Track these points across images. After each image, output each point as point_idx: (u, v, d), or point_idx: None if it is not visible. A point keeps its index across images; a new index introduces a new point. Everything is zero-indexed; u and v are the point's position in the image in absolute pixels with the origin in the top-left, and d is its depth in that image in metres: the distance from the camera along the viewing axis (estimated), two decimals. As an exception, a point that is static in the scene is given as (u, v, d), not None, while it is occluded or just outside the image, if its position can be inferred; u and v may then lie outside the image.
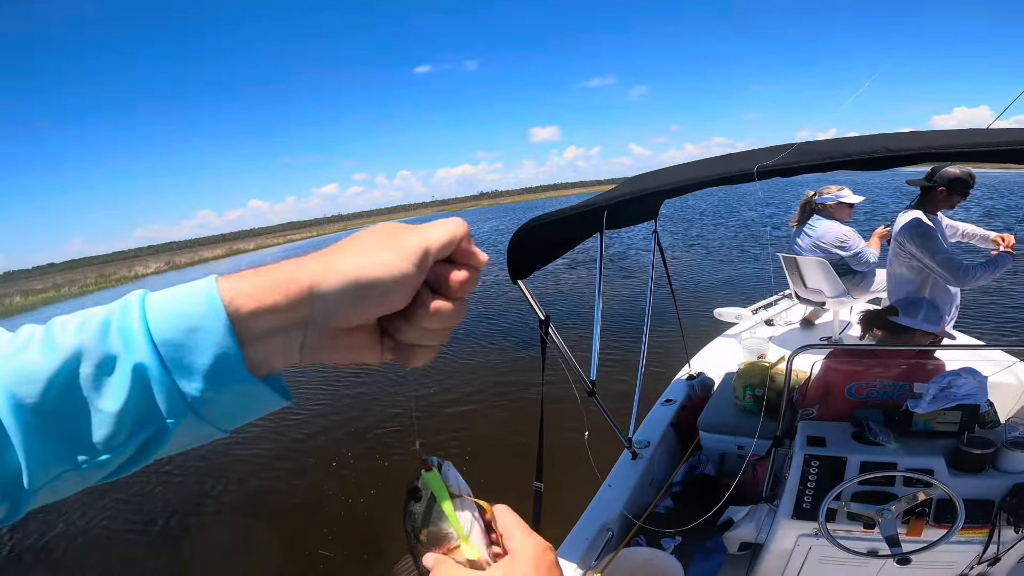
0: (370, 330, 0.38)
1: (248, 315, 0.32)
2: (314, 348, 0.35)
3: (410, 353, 0.40)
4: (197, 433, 0.33)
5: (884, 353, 1.94)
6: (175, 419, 0.31)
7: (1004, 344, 2.60)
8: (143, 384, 0.30)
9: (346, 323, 0.35)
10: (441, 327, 0.38)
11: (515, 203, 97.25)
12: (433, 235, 0.36)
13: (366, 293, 0.34)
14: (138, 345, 0.30)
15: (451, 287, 0.37)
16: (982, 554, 1.60)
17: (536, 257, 1.96)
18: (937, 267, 2.63)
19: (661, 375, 3.53)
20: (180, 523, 4.19)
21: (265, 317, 0.32)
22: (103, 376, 0.30)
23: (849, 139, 1.48)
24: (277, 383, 0.36)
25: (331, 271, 0.34)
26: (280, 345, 0.34)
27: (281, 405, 0.37)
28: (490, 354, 6.95)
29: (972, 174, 2.70)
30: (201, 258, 54.17)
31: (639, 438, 2.61)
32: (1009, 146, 1.13)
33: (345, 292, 0.34)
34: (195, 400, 0.31)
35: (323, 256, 0.35)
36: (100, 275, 45.92)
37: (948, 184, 2.68)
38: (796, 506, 1.67)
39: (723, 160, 1.90)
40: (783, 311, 4.38)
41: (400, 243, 0.35)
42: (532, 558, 0.46)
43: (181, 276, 33.49)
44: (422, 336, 0.39)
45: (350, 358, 0.38)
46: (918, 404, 1.60)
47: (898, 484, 1.56)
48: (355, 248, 0.35)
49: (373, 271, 0.34)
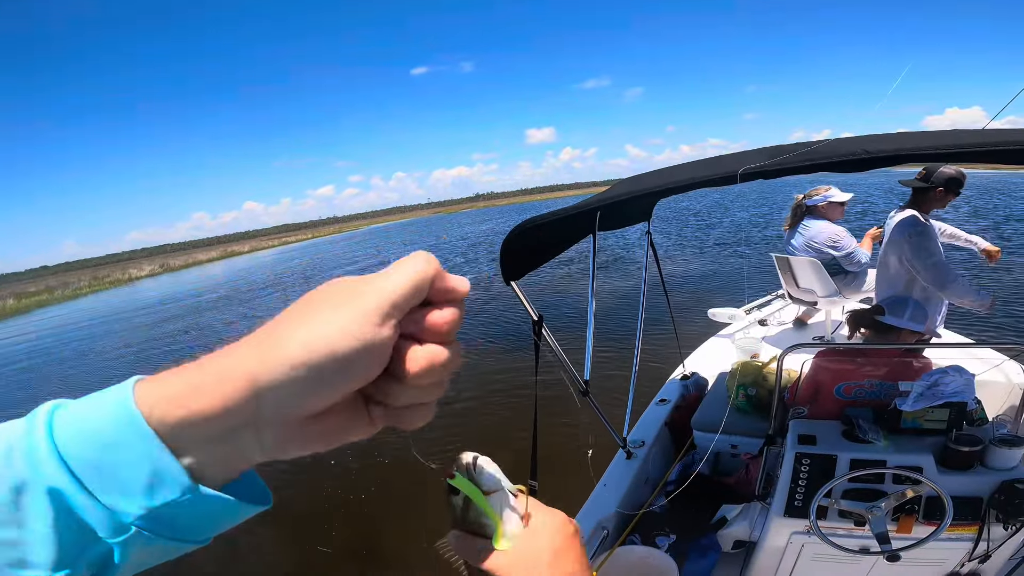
0: (348, 405, 0.32)
1: (176, 424, 0.27)
2: (279, 444, 0.30)
3: (406, 415, 0.34)
4: (163, 548, 0.29)
5: (872, 352, 1.96)
6: (118, 538, 0.27)
7: (993, 342, 2.62)
8: (64, 507, 0.26)
9: (309, 412, 0.30)
10: (436, 379, 0.32)
11: (511, 204, 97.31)
12: (397, 284, 0.30)
13: (323, 374, 0.28)
14: (46, 468, 0.26)
15: (435, 332, 0.32)
16: (972, 551, 1.61)
17: (529, 258, 1.97)
18: (925, 270, 2.64)
19: (655, 375, 3.55)
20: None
21: (199, 425, 0.27)
22: (19, 500, 0.26)
23: (831, 141, 1.50)
24: (249, 484, 0.32)
25: (273, 355, 0.28)
26: (230, 451, 0.29)
27: (257, 511, 0.32)
28: (486, 354, 6.96)
29: (964, 173, 2.72)
30: (195, 260, 53.93)
31: (634, 438, 2.62)
32: (983, 147, 1.15)
33: (296, 379, 0.28)
34: (140, 518, 0.27)
35: (264, 336, 0.29)
36: (94, 277, 45.63)
37: (945, 184, 2.69)
38: (788, 504, 1.68)
39: (714, 162, 1.92)
40: (776, 311, 4.41)
41: (358, 302, 0.29)
42: (550, 533, 0.46)
43: (176, 279, 33.54)
44: (415, 394, 0.32)
45: (331, 443, 0.32)
46: (906, 402, 1.62)
47: (887, 481, 1.58)
48: (302, 317, 0.29)
49: (328, 345, 0.28)
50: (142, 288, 29.24)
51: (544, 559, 0.45)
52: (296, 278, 20.92)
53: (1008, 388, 2.46)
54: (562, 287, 10.33)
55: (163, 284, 29.31)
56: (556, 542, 0.46)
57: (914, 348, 1.95)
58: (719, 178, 1.52)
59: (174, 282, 29.05)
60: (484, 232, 30.61)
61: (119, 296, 24.72)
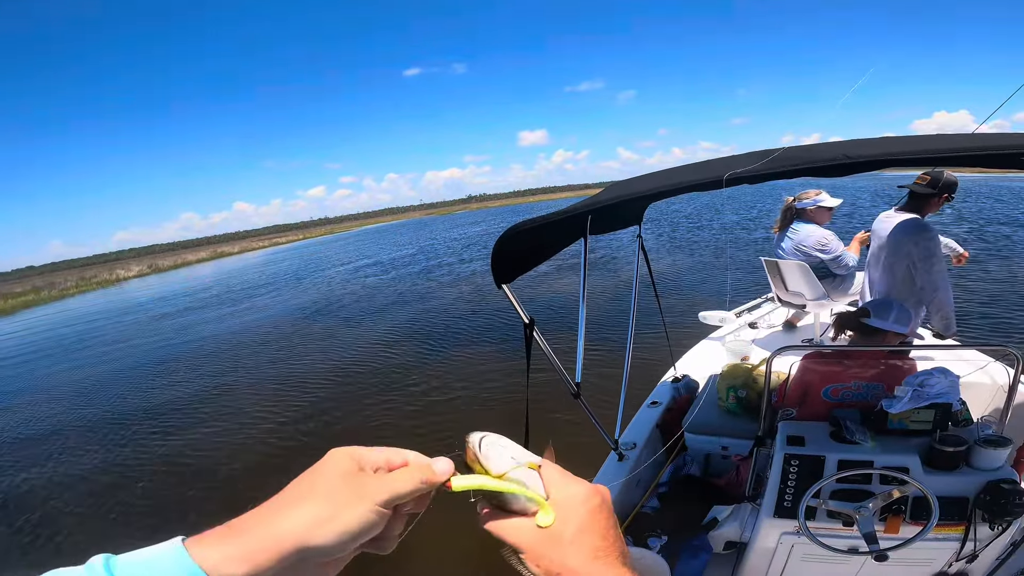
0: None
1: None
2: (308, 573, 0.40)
3: (382, 543, 0.45)
4: None
5: (858, 354, 1.98)
6: None
7: (978, 344, 2.65)
8: None
9: (328, 559, 0.40)
10: (405, 523, 0.46)
11: (503, 206, 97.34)
12: (401, 489, 0.42)
13: (348, 545, 0.40)
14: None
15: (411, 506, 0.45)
16: (959, 551, 1.63)
17: (520, 262, 1.97)
18: (928, 273, 2.64)
19: (647, 377, 3.56)
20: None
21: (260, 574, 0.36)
22: None
23: (816, 145, 1.53)
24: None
25: (316, 533, 0.38)
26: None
27: None
28: (480, 357, 6.96)
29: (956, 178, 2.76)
30: (184, 261, 53.32)
31: (625, 440, 2.64)
32: (963, 152, 1.16)
33: (331, 548, 0.39)
34: None
35: (296, 510, 0.39)
36: (81, 278, 44.92)
37: (949, 189, 2.70)
38: (778, 504, 1.70)
39: (703, 166, 1.94)
40: (766, 314, 4.45)
41: (372, 497, 0.40)
42: (575, 503, 0.45)
43: (163, 279, 33.11)
44: (391, 531, 0.45)
45: (337, 569, 0.43)
46: (892, 403, 1.64)
47: (875, 482, 1.59)
48: (330, 505, 0.39)
49: (351, 531, 0.39)
50: (130, 288, 28.87)
51: (566, 535, 0.44)
52: (289, 279, 20.76)
53: (993, 389, 2.49)
54: (554, 289, 10.35)
55: (150, 285, 29.00)
56: (580, 516, 0.45)
57: (900, 349, 1.97)
58: (707, 182, 1.54)
59: (163, 283, 28.73)
60: (477, 234, 30.61)
61: (107, 296, 24.43)
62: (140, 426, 6.35)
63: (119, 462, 5.41)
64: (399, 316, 10.30)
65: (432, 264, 18.54)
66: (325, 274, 20.55)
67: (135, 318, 16.35)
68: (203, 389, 7.40)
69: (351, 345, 8.55)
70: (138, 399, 7.47)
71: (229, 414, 6.24)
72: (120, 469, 5.24)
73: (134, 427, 6.35)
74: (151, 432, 6.08)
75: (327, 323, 10.69)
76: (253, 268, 29.79)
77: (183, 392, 7.42)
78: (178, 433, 5.92)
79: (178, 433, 5.92)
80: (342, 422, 5.53)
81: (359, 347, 8.35)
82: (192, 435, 5.78)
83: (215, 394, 7.10)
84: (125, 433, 6.20)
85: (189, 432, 5.88)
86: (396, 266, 19.67)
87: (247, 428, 5.71)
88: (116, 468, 5.27)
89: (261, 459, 4.95)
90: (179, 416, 6.47)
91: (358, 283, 16.34)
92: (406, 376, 6.61)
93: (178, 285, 25.36)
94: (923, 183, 2.75)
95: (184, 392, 7.41)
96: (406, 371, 6.80)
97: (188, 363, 9.09)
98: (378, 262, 22.17)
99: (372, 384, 6.51)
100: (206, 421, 6.13)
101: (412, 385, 6.26)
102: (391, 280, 15.93)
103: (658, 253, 13.39)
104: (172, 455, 5.35)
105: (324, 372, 7.23)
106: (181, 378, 8.19)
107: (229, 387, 7.32)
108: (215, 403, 6.72)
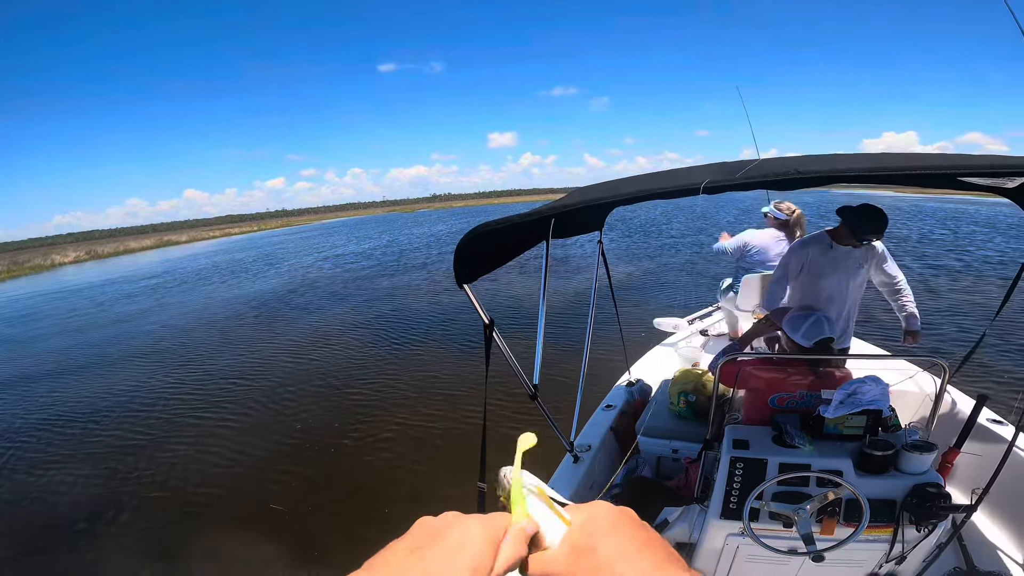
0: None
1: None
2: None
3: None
4: None
5: (799, 362, 2.07)
6: None
7: (908, 354, 2.83)
8: None
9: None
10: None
11: (467, 207, 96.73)
12: (505, 561, 0.43)
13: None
14: None
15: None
16: (889, 552, 1.71)
17: (483, 262, 1.96)
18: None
19: (603, 380, 3.62)
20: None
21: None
22: None
23: (768, 160, 1.60)
24: None
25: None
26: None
27: None
28: (440, 356, 6.89)
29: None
30: (127, 248, 50.13)
31: (580, 442, 2.67)
32: (900, 171, 1.24)
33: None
34: None
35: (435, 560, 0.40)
36: (13, 263, 41.48)
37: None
38: (724, 506, 1.76)
39: (666, 175, 1.99)
40: (717, 322, 4.60)
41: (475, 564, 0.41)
42: (609, 510, 0.46)
43: (102, 266, 30.94)
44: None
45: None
46: (828, 409, 1.73)
47: (812, 484, 1.67)
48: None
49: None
50: (66, 274, 26.90)
51: (592, 543, 0.43)
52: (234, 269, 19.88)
53: (921, 398, 2.66)
54: (514, 291, 10.38)
55: (86, 271, 27.12)
56: (613, 518, 0.45)
57: (836, 358, 2.07)
58: (671, 191, 1.57)
59: (102, 269, 26.94)
60: (441, 232, 30.32)
61: (40, 282, 22.61)
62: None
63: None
64: (349, 317, 10.08)
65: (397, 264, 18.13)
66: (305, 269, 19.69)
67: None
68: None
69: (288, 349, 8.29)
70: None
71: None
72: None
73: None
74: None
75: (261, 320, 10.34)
76: (197, 257, 28.41)
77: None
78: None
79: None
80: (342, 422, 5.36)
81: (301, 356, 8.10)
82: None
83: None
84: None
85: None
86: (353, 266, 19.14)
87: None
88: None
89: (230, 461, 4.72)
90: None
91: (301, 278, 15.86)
92: (361, 372, 6.48)
93: (118, 273, 23.92)
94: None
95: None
96: (362, 369, 6.68)
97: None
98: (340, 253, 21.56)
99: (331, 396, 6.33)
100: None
101: (358, 390, 6.13)
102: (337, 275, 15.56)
103: (617, 258, 13.65)
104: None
105: (249, 388, 6.95)
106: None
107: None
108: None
